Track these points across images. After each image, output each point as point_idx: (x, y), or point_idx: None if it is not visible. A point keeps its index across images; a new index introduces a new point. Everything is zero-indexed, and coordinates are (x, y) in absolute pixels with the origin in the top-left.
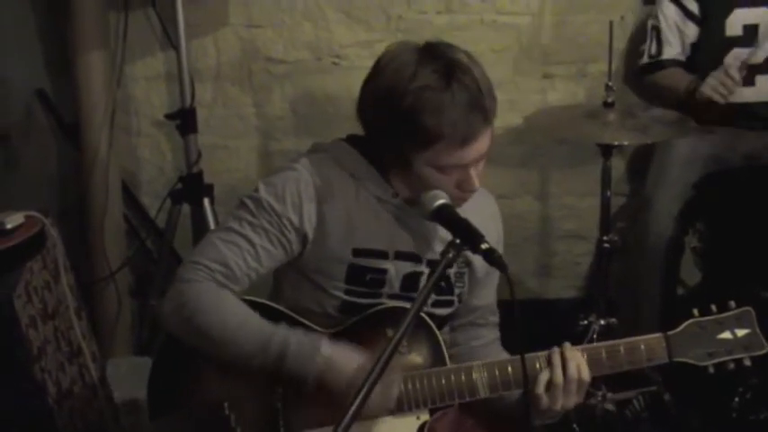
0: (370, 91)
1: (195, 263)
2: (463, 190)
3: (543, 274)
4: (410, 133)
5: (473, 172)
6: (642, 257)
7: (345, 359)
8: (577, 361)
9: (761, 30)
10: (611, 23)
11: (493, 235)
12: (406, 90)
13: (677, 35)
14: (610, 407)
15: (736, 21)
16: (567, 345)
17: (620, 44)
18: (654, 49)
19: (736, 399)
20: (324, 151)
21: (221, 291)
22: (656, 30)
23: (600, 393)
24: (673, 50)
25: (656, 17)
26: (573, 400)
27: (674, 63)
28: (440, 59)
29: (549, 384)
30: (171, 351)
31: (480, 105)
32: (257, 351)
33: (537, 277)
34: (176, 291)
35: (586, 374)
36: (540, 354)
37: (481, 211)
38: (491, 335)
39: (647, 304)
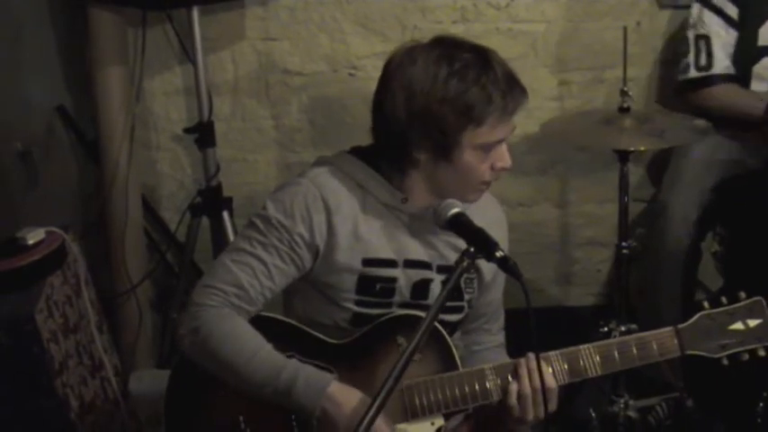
0: (405, 88)
1: (209, 287)
2: (497, 169)
3: (563, 282)
4: (462, 114)
5: (505, 147)
6: (659, 263)
7: (349, 399)
8: (541, 370)
9: None
10: (625, 29)
11: (501, 240)
12: (450, 73)
13: (724, 45)
14: (632, 414)
15: None
16: (531, 355)
17: (637, 49)
18: (703, 61)
19: (761, 404)
20: (329, 163)
21: (235, 317)
22: (705, 39)
23: (622, 400)
24: (723, 63)
25: (697, 27)
26: (542, 409)
27: (726, 78)
28: (466, 44)
29: (519, 395)
30: (187, 365)
31: (516, 78)
32: (266, 382)
33: (557, 285)
34: (191, 315)
35: (551, 382)
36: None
37: (486, 217)
38: (494, 340)
39: (666, 310)
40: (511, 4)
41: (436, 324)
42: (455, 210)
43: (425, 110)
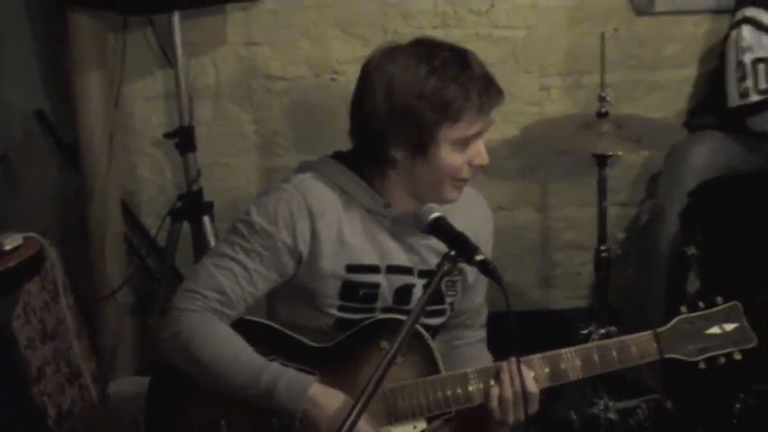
0: (384, 85)
1: (191, 291)
2: (474, 165)
3: (545, 285)
4: (439, 110)
5: (482, 143)
6: (653, 267)
7: (331, 401)
8: (522, 374)
9: None
10: (602, 35)
11: (484, 239)
12: (430, 70)
13: None
14: (612, 416)
15: None
16: (513, 359)
17: (614, 55)
18: (764, 84)
19: (738, 405)
20: (312, 169)
21: (216, 322)
22: (765, 62)
23: (602, 402)
24: None
25: (754, 50)
26: (522, 412)
27: None
28: (444, 44)
29: (501, 399)
30: (167, 371)
31: (493, 79)
32: (247, 384)
33: (539, 288)
34: (172, 319)
35: (532, 387)
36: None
37: (470, 217)
38: (476, 335)
39: (655, 313)
40: (491, 10)
41: (419, 328)
42: (435, 214)
43: (404, 106)
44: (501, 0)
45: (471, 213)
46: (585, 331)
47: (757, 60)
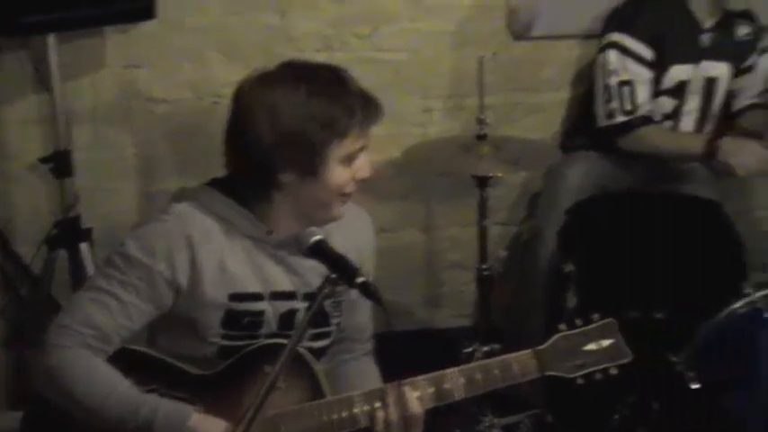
0: (267, 111)
1: (65, 327)
2: (358, 179)
3: (431, 305)
4: (327, 128)
5: (365, 157)
6: (533, 285)
7: (212, 430)
8: (407, 397)
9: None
10: (480, 59)
11: (366, 255)
12: (310, 92)
13: (646, 88)
14: None
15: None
16: (396, 383)
17: (493, 78)
18: (629, 106)
19: (616, 416)
20: (190, 198)
21: (91, 357)
22: (629, 84)
23: (487, 420)
24: (647, 106)
25: (619, 73)
26: None
27: (648, 121)
28: (316, 64)
29: (386, 423)
30: (41, 405)
31: (369, 93)
32: (125, 419)
33: (425, 307)
34: (45, 355)
35: (416, 409)
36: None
37: (356, 233)
38: (363, 348)
39: (536, 331)
40: (374, 34)
41: (303, 351)
42: (316, 237)
43: (292, 130)
44: (384, 24)
45: (353, 231)
46: (469, 349)
47: (622, 83)
